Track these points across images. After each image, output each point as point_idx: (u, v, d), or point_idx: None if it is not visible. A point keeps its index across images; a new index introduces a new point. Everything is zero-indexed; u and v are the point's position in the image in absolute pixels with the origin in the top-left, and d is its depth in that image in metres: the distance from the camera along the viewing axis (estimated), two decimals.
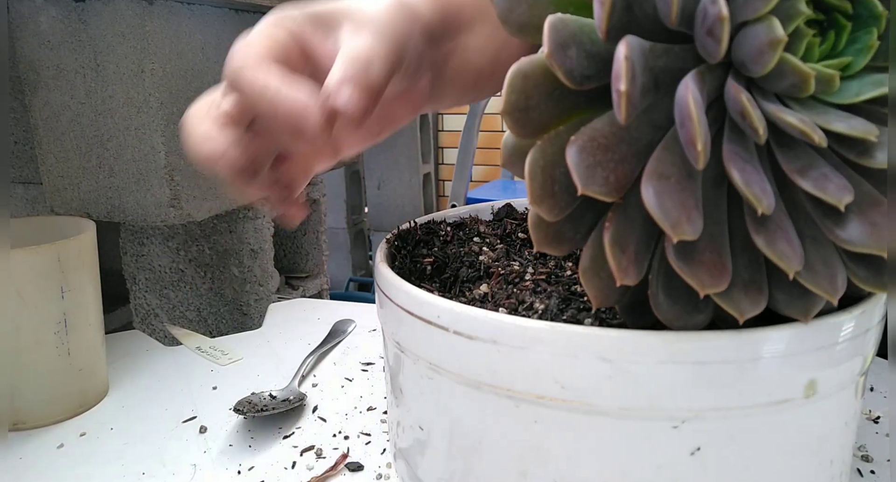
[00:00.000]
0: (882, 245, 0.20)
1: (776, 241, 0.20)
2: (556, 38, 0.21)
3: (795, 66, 0.20)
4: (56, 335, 0.48)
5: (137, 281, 0.75)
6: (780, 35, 0.19)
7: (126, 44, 0.56)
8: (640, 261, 0.22)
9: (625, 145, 0.21)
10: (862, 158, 0.20)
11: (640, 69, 0.20)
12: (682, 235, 0.20)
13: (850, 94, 0.21)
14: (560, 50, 0.21)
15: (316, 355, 0.58)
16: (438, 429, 0.29)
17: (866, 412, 0.46)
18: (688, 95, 0.19)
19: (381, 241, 0.35)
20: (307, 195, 0.88)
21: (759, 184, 0.20)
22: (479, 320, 0.25)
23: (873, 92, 0.20)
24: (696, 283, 0.21)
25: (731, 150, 0.21)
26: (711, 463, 0.24)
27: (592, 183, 0.21)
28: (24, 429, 0.48)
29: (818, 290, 0.21)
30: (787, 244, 0.20)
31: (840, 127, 0.20)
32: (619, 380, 0.23)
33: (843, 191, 0.20)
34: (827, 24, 0.21)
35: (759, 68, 0.20)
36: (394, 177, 1.98)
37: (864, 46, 0.21)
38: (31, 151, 0.71)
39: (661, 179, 0.20)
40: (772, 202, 0.20)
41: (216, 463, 0.43)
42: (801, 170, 0.20)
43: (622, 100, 0.19)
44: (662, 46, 0.21)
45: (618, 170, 0.21)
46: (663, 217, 0.20)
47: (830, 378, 0.24)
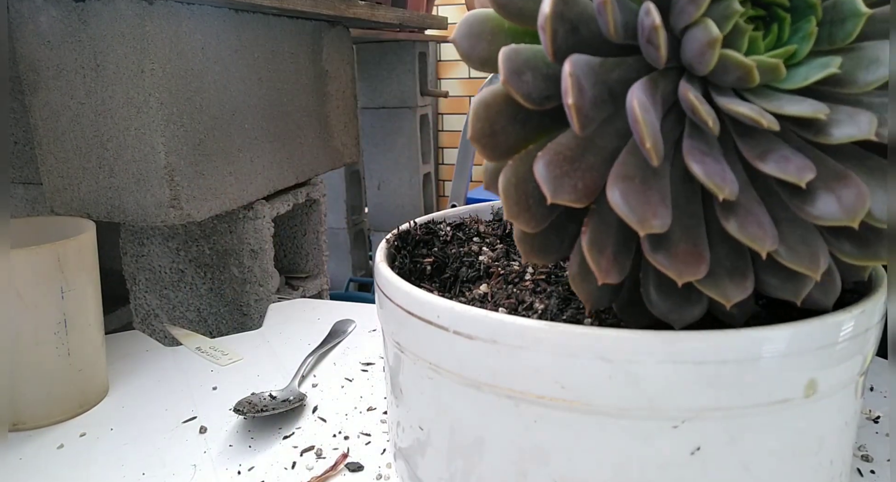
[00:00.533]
0: (853, 216, 0.20)
1: (746, 224, 0.21)
2: (510, 66, 0.23)
3: (736, 60, 0.21)
4: (56, 335, 0.48)
5: (137, 281, 0.75)
6: (716, 34, 0.20)
7: (126, 44, 0.56)
8: (619, 260, 0.23)
9: (591, 155, 0.23)
10: (819, 137, 0.21)
11: (589, 83, 0.21)
12: (649, 229, 0.21)
13: (799, 79, 0.22)
14: (515, 76, 0.22)
15: (316, 355, 0.58)
16: (438, 429, 0.29)
17: (866, 412, 0.46)
18: (633, 99, 0.20)
19: (381, 241, 0.35)
20: (307, 195, 0.88)
21: (719, 173, 0.21)
22: (479, 320, 0.25)
23: (820, 73, 0.21)
24: (673, 273, 0.21)
25: (691, 145, 0.22)
26: (711, 463, 0.24)
27: (561, 192, 0.22)
28: (24, 429, 0.48)
29: (799, 267, 0.21)
30: (757, 227, 0.21)
31: (791, 110, 0.21)
32: (619, 380, 0.23)
33: (804, 169, 0.21)
34: (769, 18, 0.23)
35: (703, 67, 0.21)
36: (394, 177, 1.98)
37: (806, 34, 0.22)
38: (31, 152, 0.71)
39: (625, 180, 0.21)
40: (734, 188, 0.21)
41: (216, 463, 0.43)
42: (762, 154, 0.21)
43: (573, 112, 0.21)
44: (615, 60, 0.22)
45: (586, 177, 0.22)
46: (629, 214, 0.21)
47: (830, 378, 0.24)
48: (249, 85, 0.72)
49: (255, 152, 0.74)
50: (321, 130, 0.89)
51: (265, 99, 0.75)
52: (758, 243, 0.21)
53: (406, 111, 1.84)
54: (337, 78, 0.93)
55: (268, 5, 0.68)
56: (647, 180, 0.22)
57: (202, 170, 0.64)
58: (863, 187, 0.21)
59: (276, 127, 0.78)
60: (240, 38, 0.70)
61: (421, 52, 1.76)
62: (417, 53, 1.74)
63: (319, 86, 0.88)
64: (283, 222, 0.92)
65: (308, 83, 0.85)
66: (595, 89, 0.21)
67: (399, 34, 1.56)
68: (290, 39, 0.80)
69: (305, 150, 0.85)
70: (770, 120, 0.20)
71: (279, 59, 0.78)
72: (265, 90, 0.75)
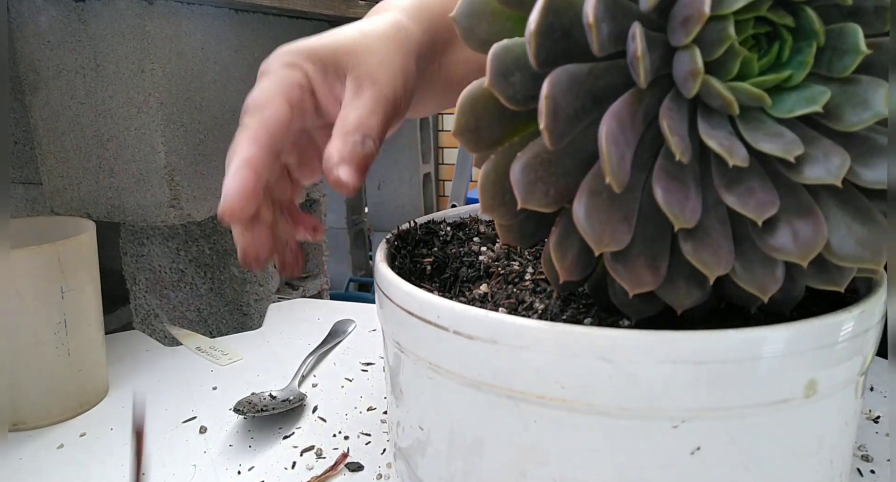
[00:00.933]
0: (806, 253, 0.21)
1: (700, 249, 0.22)
2: (497, 66, 0.23)
3: (718, 91, 0.21)
4: (56, 335, 0.48)
5: (137, 281, 0.75)
6: (698, 66, 0.21)
7: (126, 44, 0.56)
8: (582, 261, 0.24)
9: (568, 158, 0.23)
10: (791, 173, 0.22)
11: (571, 97, 0.22)
12: (604, 248, 0.22)
13: (786, 110, 0.22)
14: (501, 78, 0.23)
15: (316, 355, 0.58)
16: (438, 429, 0.29)
17: (866, 412, 0.46)
18: (603, 128, 0.21)
19: (381, 241, 0.35)
20: (307, 195, 0.88)
21: (680, 201, 0.21)
22: (479, 320, 0.25)
23: (805, 109, 0.22)
24: (626, 285, 0.22)
25: (663, 167, 0.22)
26: (711, 463, 0.24)
27: (532, 198, 0.23)
28: (24, 429, 0.48)
29: (749, 288, 0.22)
30: (710, 253, 0.22)
31: (765, 147, 0.21)
32: (619, 380, 0.23)
33: (765, 206, 0.21)
34: (773, 35, 0.23)
35: (687, 92, 0.22)
36: (394, 177, 1.98)
37: (804, 61, 0.22)
38: (31, 151, 0.71)
39: (592, 195, 0.22)
40: (694, 217, 0.21)
41: (216, 463, 0.43)
42: (729, 184, 0.22)
43: (544, 134, 0.21)
44: (603, 66, 0.22)
45: (559, 183, 0.23)
46: (588, 232, 0.22)
47: (830, 378, 0.24)
48: (249, 85, 0.72)
49: None
50: None
51: None
52: (708, 269, 0.22)
53: None
54: None
55: (268, 5, 0.68)
56: (613, 196, 0.22)
57: (202, 169, 0.64)
58: (821, 224, 0.21)
59: None
60: (240, 37, 0.70)
61: None
62: None
63: None
64: None
65: None
66: (577, 102, 0.22)
67: None
68: (290, 39, 0.80)
69: None
70: (740, 157, 0.21)
71: None
72: None
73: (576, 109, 0.22)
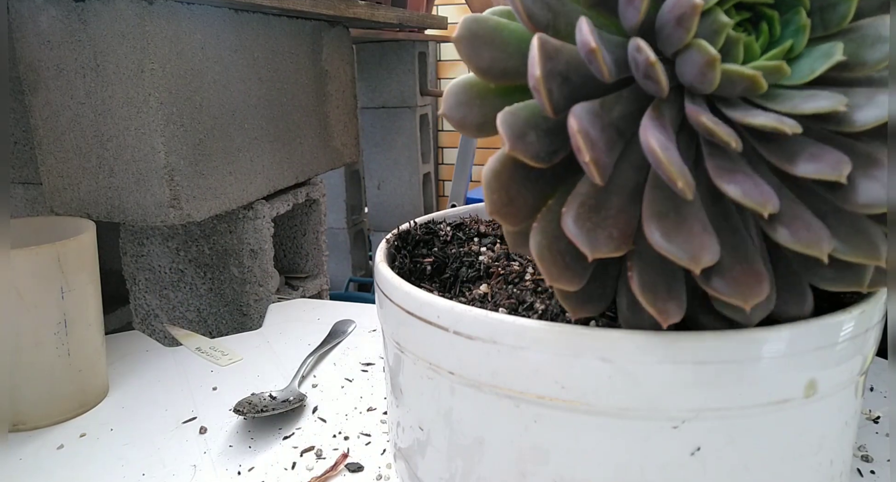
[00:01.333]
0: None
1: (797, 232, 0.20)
2: (511, 131, 0.22)
3: (739, 73, 0.20)
4: (56, 335, 0.48)
5: (137, 281, 0.75)
6: (714, 54, 0.20)
7: (126, 44, 0.56)
8: (675, 295, 0.22)
9: (614, 196, 0.22)
10: (843, 126, 0.20)
11: (597, 131, 0.21)
12: (703, 265, 0.20)
13: (805, 73, 0.21)
14: (519, 140, 0.22)
15: (316, 355, 0.58)
16: (438, 429, 0.29)
17: (866, 412, 0.46)
18: (649, 140, 0.20)
19: (381, 241, 0.35)
20: (307, 195, 0.88)
21: (756, 190, 0.20)
22: (479, 320, 0.25)
23: (826, 64, 0.21)
24: (738, 300, 0.20)
25: (716, 166, 0.21)
26: (711, 463, 0.24)
27: (598, 245, 0.21)
28: (24, 429, 0.48)
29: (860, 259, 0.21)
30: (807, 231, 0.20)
31: (808, 108, 0.20)
32: (619, 380, 0.23)
33: (839, 164, 0.20)
34: (755, 19, 0.22)
35: (706, 87, 0.21)
36: (394, 177, 1.98)
37: (799, 27, 0.21)
38: (31, 152, 0.71)
39: (660, 218, 0.21)
40: (776, 200, 0.20)
41: (216, 463, 0.43)
42: (791, 158, 0.20)
43: (592, 167, 0.20)
44: (612, 97, 0.22)
45: (619, 223, 0.21)
46: (678, 254, 0.20)
47: (830, 378, 0.24)
48: (249, 85, 0.72)
49: (254, 152, 0.74)
50: (321, 130, 0.89)
51: (265, 99, 0.75)
52: (814, 248, 0.20)
53: (406, 111, 1.84)
54: (337, 78, 0.93)
55: (268, 5, 0.68)
56: (682, 212, 0.21)
57: (202, 170, 0.64)
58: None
59: (275, 127, 0.78)
60: (239, 37, 0.70)
61: (421, 52, 1.76)
62: (417, 53, 1.74)
63: (319, 85, 0.88)
64: (282, 222, 0.92)
65: (308, 83, 0.85)
66: (604, 135, 0.21)
67: (399, 34, 1.56)
68: (289, 39, 0.80)
69: (305, 150, 0.85)
70: (791, 124, 0.20)
71: (279, 58, 0.78)
72: (265, 90, 0.75)
73: (606, 141, 0.21)
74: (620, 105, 0.22)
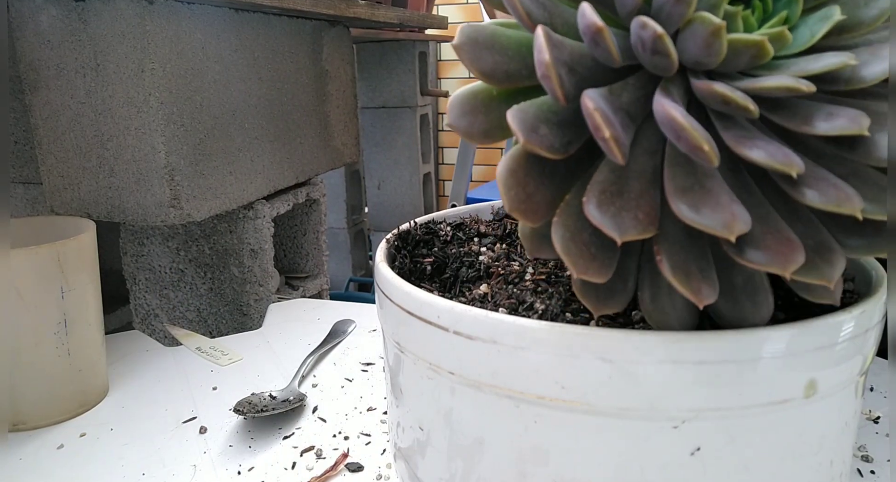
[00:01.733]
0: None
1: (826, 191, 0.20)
2: (523, 124, 0.22)
3: (745, 41, 0.20)
4: (56, 335, 0.48)
5: (137, 281, 0.75)
6: (718, 22, 0.20)
7: (126, 43, 0.56)
8: (707, 276, 0.22)
9: (634, 181, 0.22)
10: (852, 84, 0.20)
11: (612, 112, 0.21)
12: (738, 232, 0.19)
13: (806, 39, 0.21)
14: (532, 133, 0.22)
15: (316, 355, 0.58)
16: (438, 429, 0.29)
17: (866, 412, 0.46)
18: (668, 111, 0.19)
19: (381, 240, 0.35)
20: (307, 195, 0.88)
21: (779, 152, 0.20)
22: (479, 320, 0.25)
23: (825, 26, 0.21)
24: (777, 268, 0.20)
25: (733, 135, 0.21)
26: (711, 463, 0.24)
27: (627, 228, 0.21)
28: (24, 429, 0.48)
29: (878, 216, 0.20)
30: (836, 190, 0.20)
31: (817, 67, 0.20)
32: (619, 380, 0.23)
33: (857, 118, 0.19)
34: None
35: (713, 59, 0.20)
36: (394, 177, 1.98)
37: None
38: (31, 151, 0.71)
39: (686, 193, 0.20)
40: (800, 162, 0.19)
41: (216, 463, 0.43)
42: (805, 120, 0.20)
43: (612, 144, 0.20)
44: (619, 84, 0.22)
45: (642, 205, 0.21)
46: (712, 224, 0.19)
47: (830, 378, 0.24)
48: (249, 84, 0.72)
49: (255, 152, 0.74)
50: (321, 130, 0.89)
51: (265, 98, 0.75)
52: (846, 206, 0.19)
53: (406, 111, 1.84)
54: (337, 77, 0.93)
55: (268, 5, 0.68)
56: (706, 185, 0.21)
57: (202, 169, 0.64)
58: None
59: (276, 126, 0.78)
60: (240, 37, 0.70)
61: (421, 52, 1.76)
62: (417, 53, 1.74)
63: (319, 85, 0.88)
64: (283, 222, 0.92)
65: (308, 82, 0.85)
66: (617, 116, 0.21)
67: (399, 34, 1.56)
68: (290, 39, 0.80)
69: (305, 150, 0.85)
70: (807, 84, 0.19)
71: (279, 58, 0.78)
72: (265, 89, 0.75)
73: (621, 122, 0.21)
74: (628, 91, 0.22)
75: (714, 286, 0.21)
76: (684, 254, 0.22)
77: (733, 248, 0.20)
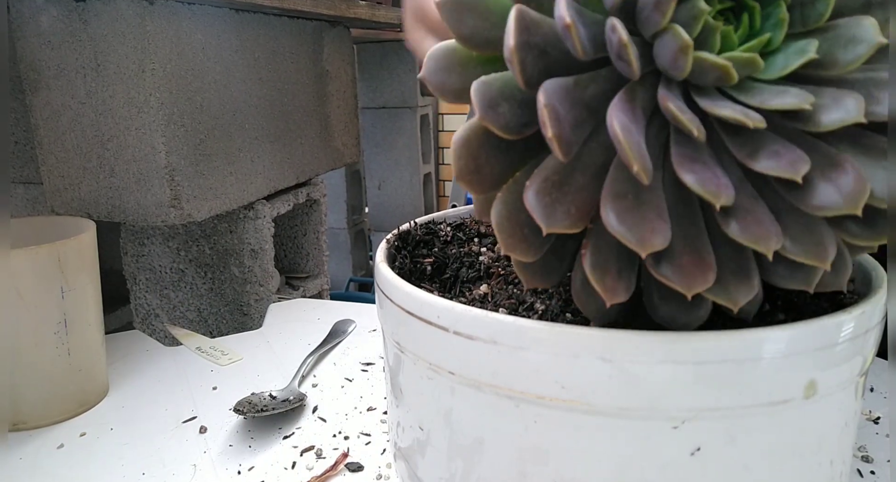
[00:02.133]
0: (854, 203, 0.20)
1: (747, 226, 0.21)
2: (483, 99, 0.22)
3: (711, 62, 0.20)
4: (56, 335, 0.48)
5: (138, 281, 0.76)
6: (686, 40, 0.20)
7: (126, 43, 0.56)
8: (624, 277, 0.22)
9: (579, 174, 0.22)
10: (809, 125, 0.21)
11: (567, 107, 0.21)
12: (650, 249, 0.20)
13: (779, 68, 0.21)
14: (490, 109, 0.22)
15: (316, 355, 0.58)
16: (438, 429, 0.29)
17: (866, 412, 0.46)
18: (612, 121, 0.20)
19: (381, 241, 0.35)
20: (307, 195, 0.88)
21: (712, 180, 0.20)
22: (479, 320, 0.25)
23: (799, 61, 0.21)
24: (681, 287, 0.21)
25: (679, 153, 0.21)
26: (711, 463, 0.24)
27: (554, 220, 0.21)
28: (24, 429, 0.48)
29: (807, 260, 0.21)
30: (758, 226, 0.21)
31: (774, 103, 0.20)
32: (619, 380, 0.23)
33: (798, 163, 0.20)
34: (738, 9, 0.22)
35: (679, 73, 0.21)
36: (394, 177, 1.98)
37: (778, 20, 0.22)
38: (31, 151, 0.71)
39: (617, 199, 0.21)
40: (730, 193, 0.20)
41: (216, 463, 0.43)
42: (752, 153, 0.21)
43: (555, 143, 0.20)
44: (589, 75, 0.22)
45: (577, 200, 0.22)
46: (628, 236, 0.20)
47: (830, 378, 0.24)
48: (250, 85, 0.72)
49: (255, 152, 0.74)
50: (321, 130, 0.89)
51: (266, 99, 0.75)
52: (762, 244, 0.20)
53: (406, 111, 1.84)
54: (337, 78, 0.93)
55: (268, 5, 0.68)
56: (641, 195, 0.21)
57: (202, 169, 0.64)
58: (859, 172, 0.20)
59: (276, 127, 0.78)
60: (240, 37, 0.70)
61: None
62: None
63: (320, 86, 0.88)
64: (283, 222, 0.92)
65: (308, 83, 0.85)
66: (573, 112, 0.21)
67: (399, 34, 1.56)
68: (290, 39, 0.80)
69: (306, 150, 0.85)
70: (756, 118, 0.20)
71: (280, 58, 0.78)
72: (266, 90, 0.75)
73: (575, 118, 0.21)
74: (596, 83, 0.22)
75: (629, 288, 0.22)
76: (608, 253, 0.22)
77: (649, 259, 0.21)
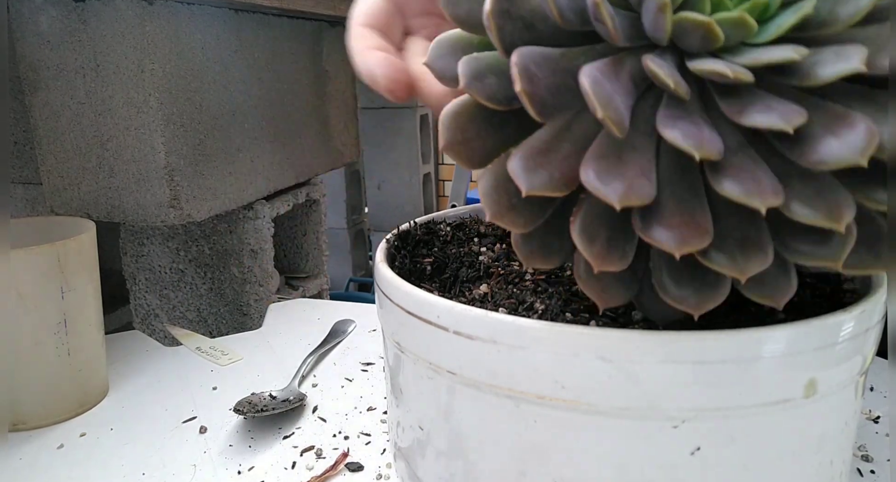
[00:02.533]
0: (861, 153, 0.18)
1: (740, 182, 0.19)
2: (469, 71, 0.22)
3: (692, 20, 0.20)
4: (56, 335, 0.48)
5: (137, 281, 0.76)
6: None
7: (126, 44, 0.56)
8: (615, 245, 0.21)
9: (567, 143, 0.22)
10: (806, 80, 0.20)
11: (545, 71, 0.21)
12: (627, 202, 0.19)
13: (773, 30, 0.21)
14: (475, 80, 0.22)
15: (316, 355, 0.58)
16: (438, 429, 0.29)
17: (866, 412, 0.46)
18: (582, 76, 0.19)
19: (381, 241, 0.35)
20: (307, 195, 0.88)
21: (695, 134, 0.19)
22: (479, 320, 0.25)
23: (794, 17, 0.20)
24: (669, 246, 0.20)
25: (665, 114, 0.20)
26: (711, 463, 0.24)
27: (536, 182, 0.21)
28: (24, 429, 0.48)
29: (817, 221, 0.19)
30: (751, 181, 0.19)
31: (764, 58, 0.19)
32: (619, 380, 0.23)
33: (790, 114, 0.19)
34: None
35: (661, 34, 0.20)
36: (394, 177, 1.98)
37: None
38: (31, 151, 0.71)
39: (599, 159, 0.20)
40: (715, 147, 0.19)
41: (216, 463, 0.43)
42: (743, 109, 0.20)
43: (524, 98, 0.20)
44: (579, 49, 0.22)
45: (563, 166, 0.21)
46: (603, 189, 0.20)
47: (830, 378, 0.24)
48: (249, 85, 0.72)
49: (255, 152, 0.74)
50: (321, 130, 0.89)
51: (265, 99, 0.75)
52: (754, 198, 0.19)
53: (406, 111, 1.84)
54: (337, 78, 0.93)
55: (268, 5, 0.68)
56: (624, 157, 0.20)
57: (202, 170, 0.64)
58: (866, 123, 0.19)
59: (276, 127, 0.78)
60: (240, 38, 0.70)
61: None
62: None
63: (319, 86, 0.88)
64: (283, 222, 0.92)
65: (308, 83, 0.85)
66: (555, 77, 0.21)
67: None
68: (290, 39, 0.80)
69: (305, 150, 0.85)
70: (739, 70, 0.19)
71: (279, 59, 0.78)
72: (265, 90, 0.75)
73: (556, 83, 0.21)
74: (587, 56, 0.21)
75: (623, 258, 0.21)
76: (597, 220, 0.21)
77: (638, 222, 0.20)
